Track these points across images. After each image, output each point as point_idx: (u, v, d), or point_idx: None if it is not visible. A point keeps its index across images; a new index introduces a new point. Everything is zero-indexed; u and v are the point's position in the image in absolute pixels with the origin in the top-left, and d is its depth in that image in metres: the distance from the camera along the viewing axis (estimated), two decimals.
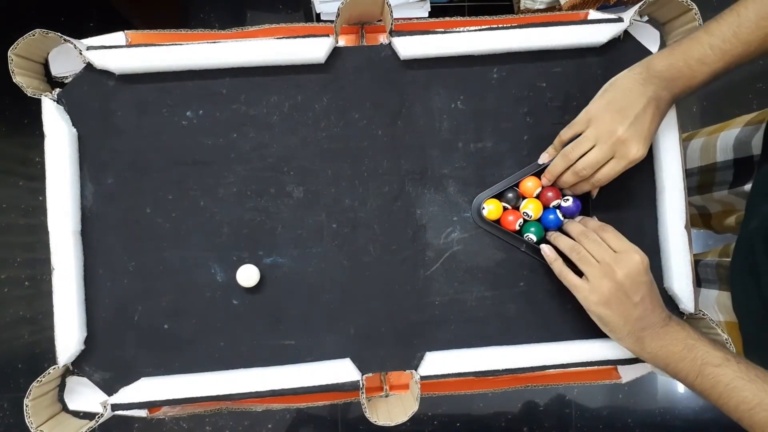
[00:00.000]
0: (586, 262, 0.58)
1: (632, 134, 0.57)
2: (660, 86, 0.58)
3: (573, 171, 0.61)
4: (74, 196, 0.63)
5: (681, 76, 0.58)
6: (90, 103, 0.65)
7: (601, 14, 0.68)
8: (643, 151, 0.58)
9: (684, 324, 0.58)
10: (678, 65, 0.58)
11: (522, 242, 0.66)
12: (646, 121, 0.57)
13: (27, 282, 1.51)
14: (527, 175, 0.66)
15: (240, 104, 0.66)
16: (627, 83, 0.59)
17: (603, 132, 0.58)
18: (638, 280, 0.57)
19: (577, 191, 0.64)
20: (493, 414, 1.52)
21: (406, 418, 0.61)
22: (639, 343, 0.58)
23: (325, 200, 0.66)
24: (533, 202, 0.65)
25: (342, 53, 0.66)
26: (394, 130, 0.67)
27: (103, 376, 0.64)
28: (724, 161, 0.77)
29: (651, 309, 0.57)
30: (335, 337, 0.66)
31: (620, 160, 0.58)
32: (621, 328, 0.58)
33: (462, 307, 0.66)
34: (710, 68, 0.57)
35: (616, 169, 0.59)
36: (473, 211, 0.67)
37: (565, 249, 0.61)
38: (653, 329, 0.57)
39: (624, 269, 0.56)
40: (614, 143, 0.58)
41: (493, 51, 0.66)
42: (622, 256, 0.57)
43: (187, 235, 0.65)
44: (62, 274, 0.62)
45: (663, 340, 0.57)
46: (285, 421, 1.50)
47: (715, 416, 1.54)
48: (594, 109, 0.60)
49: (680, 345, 0.56)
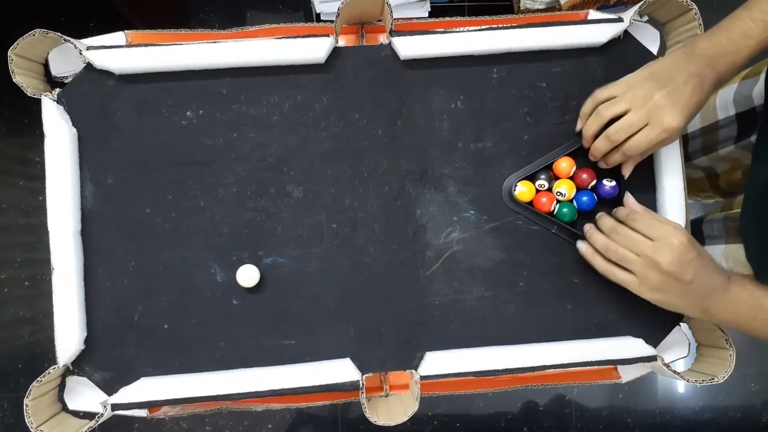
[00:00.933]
0: (626, 260, 0.57)
1: (669, 102, 0.56)
2: (703, 63, 0.56)
3: (605, 135, 0.59)
4: (74, 196, 0.63)
5: (725, 52, 0.57)
6: (90, 103, 0.65)
7: (601, 14, 0.68)
8: (679, 120, 0.56)
9: (746, 283, 0.56)
10: (721, 41, 0.57)
11: (553, 224, 0.65)
12: (686, 92, 0.56)
13: (27, 282, 1.51)
14: (561, 155, 0.65)
15: (240, 104, 0.66)
16: (670, 59, 0.58)
17: (639, 96, 0.57)
18: (684, 260, 0.55)
19: (609, 162, 0.62)
20: (493, 414, 1.52)
21: (406, 418, 0.61)
22: (706, 313, 0.57)
23: (325, 200, 0.66)
24: (566, 183, 0.64)
25: (342, 53, 0.66)
26: (394, 130, 0.67)
27: (103, 375, 0.64)
28: (726, 117, 0.77)
29: (707, 279, 0.56)
30: (335, 337, 0.66)
31: (654, 127, 0.57)
32: (683, 307, 0.57)
33: (462, 307, 0.66)
34: (755, 41, 0.56)
35: (649, 137, 0.57)
36: (504, 193, 0.66)
37: (602, 249, 0.60)
38: (715, 298, 0.56)
39: (667, 257, 0.55)
40: (650, 109, 0.56)
41: (493, 51, 0.66)
42: (660, 244, 0.55)
43: (187, 235, 0.65)
44: (62, 274, 0.62)
45: (728, 305, 0.56)
46: (285, 421, 1.50)
47: (715, 416, 1.55)
48: (633, 77, 0.59)
49: (746, 306, 0.55)
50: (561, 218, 0.65)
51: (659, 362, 0.64)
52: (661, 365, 0.64)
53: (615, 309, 0.66)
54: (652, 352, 0.64)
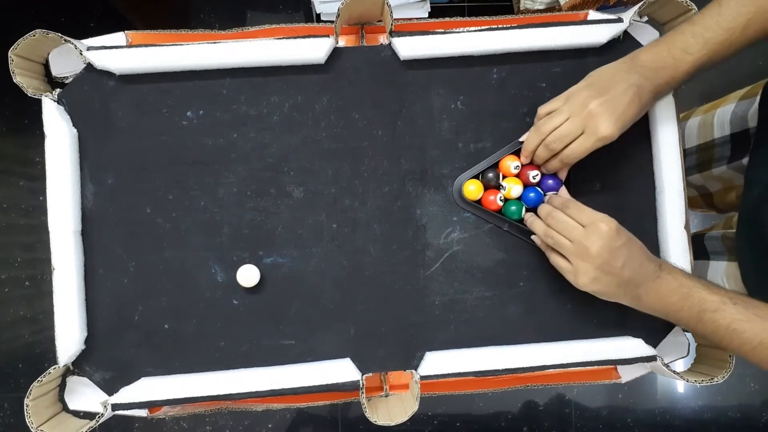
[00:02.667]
0: (560, 245, 0.58)
1: (604, 110, 0.57)
2: (643, 75, 0.58)
3: (544, 144, 0.61)
4: (74, 196, 0.63)
5: (665, 66, 0.58)
6: (90, 103, 0.65)
7: (600, 15, 0.68)
8: (612, 129, 0.57)
9: (676, 272, 0.57)
10: (662, 55, 0.58)
11: (504, 222, 0.66)
12: (623, 102, 0.57)
13: (27, 282, 1.51)
14: (506, 154, 0.65)
15: (240, 104, 0.66)
16: (610, 70, 0.59)
17: (576, 106, 0.58)
18: (613, 246, 0.56)
19: (549, 169, 0.64)
20: (493, 414, 1.53)
21: (406, 417, 0.61)
22: (636, 300, 0.58)
23: (325, 200, 0.66)
24: (513, 181, 0.65)
25: (342, 53, 0.66)
26: (394, 130, 0.67)
27: (104, 375, 0.64)
28: (722, 137, 0.78)
29: (638, 266, 0.56)
30: (335, 337, 0.66)
31: (589, 136, 0.58)
32: (615, 294, 0.58)
33: (462, 307, 0.66)
34: (694, 57, 0.57)
35: (584, 146, 0.58)
36: (454, 192, 0.66)
37: (541, 235, 0.61)
38: (646, 285, 0.57)
39: (596, 243, 0.55)
40: (585, 117, 0.57)
41: (493, 51, 0.66)
42: (590, 230, 0.56)
43: (187, 235, 0.65)
44: (62, 274, 0.62)
45: (658, 293, 0.57)
46: (285, 421, 1.50)
47: (714, 416, 1.55)
48: (573, 88, 0.60)
49: (675, 296, 0.56)
50: (509, 215, 0.65)
51: (659, 362, 0.64)
52: (661, 365, 0.64)
53: (615, 309, 0.66)
54: (652, 352, 0.64)
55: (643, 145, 0.67)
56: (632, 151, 0.66)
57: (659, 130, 0.65)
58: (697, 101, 0.74)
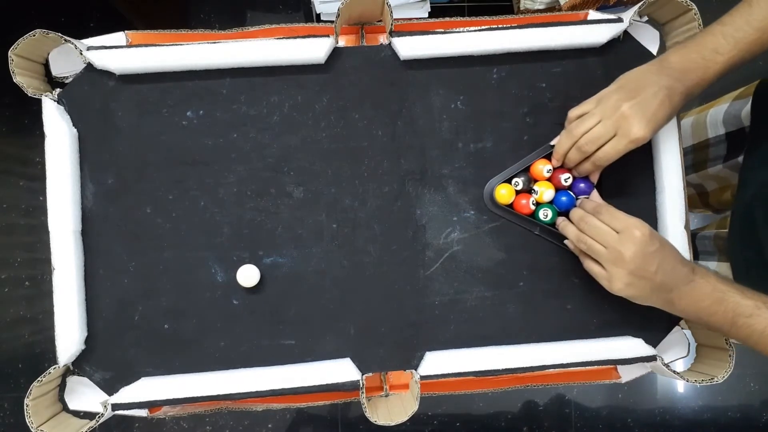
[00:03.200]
0: (594, 251, 0.58)
1: (636, 112, 0.57)
2: (673, 77, 0.57)
3: (577, 147, 0.61)
4: (74, 196, 0.63)
5: (696, 67, 0.57)
6: (90, 103, 0.65)
7: (600, 14, 0.68)
8: (645, 131, 0.57)
9: (709, 276, 0.57)
10: (692, 56, 0.58)
11: (536, 226, 0.66)
12: (654, 104, 0.57)
13: (27, 282, 1.51)
14: (538, 158, 0.65)
15: (240, 104, 0.66)
16: (640, 72, 0.59)
17: (608, 108, 0.58)
18: (647, 252, 0.56)
19: (581, 172, 0.63)
20: (493, 414, 1.52)
21: (406, 417, 0.61)
22: (669, 304, 0.58)
23: (325, 200, 0.66)
24: (544, 185, 0.65)
25: (342, 53, 0.66)
26: (394, 130, 0.67)
27: (104, 375, 0.64)
28: (716, 136, 0.78)
29: (671, 270, 0.56)
30: (335, 337, 0.66)
31: (621, 138, 0.58)
32: (649, 298, 0.58)
33: (462, 307, 0.66)
34: (724, 57, 0.57)
35: (617, 148, 0.58)
36: (485, 196, 0.66)
37: (573, 240, 0.61)
38: (679, 289, 0.57)
39: (630, 249, 0.55)
40: (617, 119, 0.58)
41: (493, 51, 0.66)
42: (624, 236, 0.56)
43: (187, 235, 0.65)
44: (62, 274, 0.62)
45: (691, 297, 0.56)
46: (285, 421, 1.50)
47: (714, 416, 1.55)
48: (604, 91, 0.60)
49: (708, 300, 0.56)
50: (540, 220, 0.65)
51: (659, 362, 0.64)
52: (661, 365, 0.64)
53: (615, 309, 0.67)
54: (652, 352, 0.64)
55: (643, 145, 0.67)
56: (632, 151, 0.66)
57: (659, 130, 0.65)
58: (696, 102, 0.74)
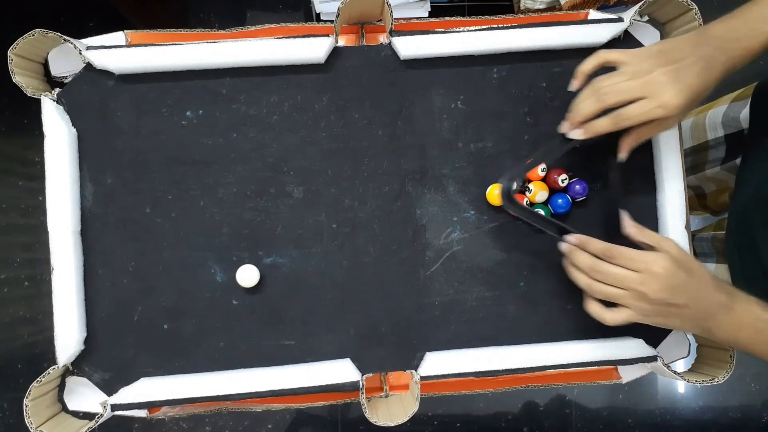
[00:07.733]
0: (614, 296, 0.55)
1: (671, 78, 0.52)
2: (714, 46, 0.53)
3: (595, 92, 0.55)
4: (74, 196, 0.63)
5: (741, 36, 0.53)
6: (90, 103, 0.65)
7: (601, 14, 0.68)
8: (678, 99, 0.52)
9: (751, 303, 0.54)
10: (737, 26, 0.54)
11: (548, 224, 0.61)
12: (691, 74, 0.53)
13: (27, 282, 1.51)
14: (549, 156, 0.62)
15: (240, 104, 0.66)
16: (681, 40, 0.55)
17: (641, 70, 0.53)
18: (673, 284, 0.52)
19: (591, 129, 0.57)
20: (493, 414, 1.52)
21: (406, 418, 0.61)
22: (708, 333, 0.55)
23: (325, 200, 0.66)
24: (538, 185, 0.64)
25: (342, 53, 0.66)
26: (394, 130, 0.67)
27: (103, 376, 0.64)
28: (715, 138, 0.76)
29: (705, 300, 0.53)
30: (335, 337, 0.66)
31: (651, 100, 0.53)
32: (683, 327, 0.55)
33: (462, 307, 0.66)
34: None
35: (643, 109, 0.53)
36: (503, 196, 0.61)
37: (584, 287, 0.57)
38: (716, 318, 0.53)
39: (654, 286, 0.52)
40: (647, 81, 0.53)
41: (493, 51, 0.66)
42: (645, 276, 0.52)
43: (186, 235, 0.65)
44: (62, 274, 0.62)
45: (730, 327, 0.53)
46: (285, 421, 1.50)
47: (714, 416, 1.54)
48: (641, 50, 0.56)
49: (750, 329, 0.53)
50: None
51: (659, 362, 0.64)
52: (662, 365, 0.64)
53: None
54: (652, 352, 0.64)
55: (643, 144, 0.67)
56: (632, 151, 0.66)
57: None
58: None
